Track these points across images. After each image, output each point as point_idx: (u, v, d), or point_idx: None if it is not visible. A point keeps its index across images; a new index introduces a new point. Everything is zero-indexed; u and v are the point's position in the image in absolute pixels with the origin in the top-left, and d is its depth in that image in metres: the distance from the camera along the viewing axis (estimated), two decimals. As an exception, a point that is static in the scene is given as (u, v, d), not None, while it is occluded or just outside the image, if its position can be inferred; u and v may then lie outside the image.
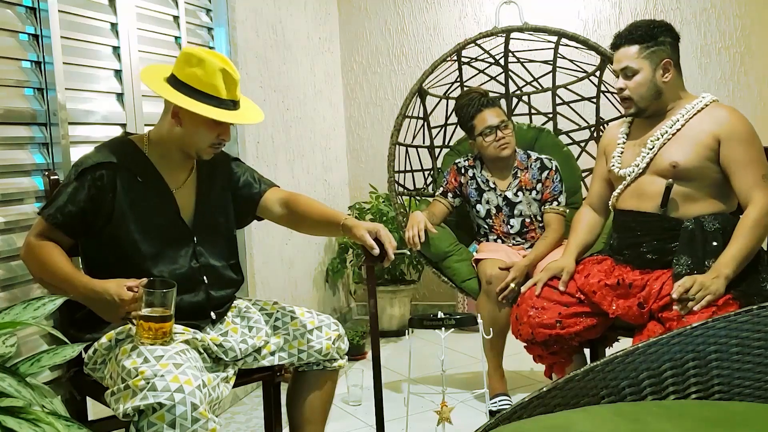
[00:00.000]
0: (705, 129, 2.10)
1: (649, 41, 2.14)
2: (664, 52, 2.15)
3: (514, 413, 0.95)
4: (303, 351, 1.97)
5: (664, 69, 2.15)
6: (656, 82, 2.15)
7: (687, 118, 2.13)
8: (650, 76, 2.15)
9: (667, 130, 2.14)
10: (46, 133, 2.00)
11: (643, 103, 2.17)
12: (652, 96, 2.16)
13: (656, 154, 2.14)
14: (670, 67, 2.15)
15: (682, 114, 2.14)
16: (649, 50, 2.14)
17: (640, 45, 2.15)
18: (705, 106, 2.14)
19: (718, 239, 2.04)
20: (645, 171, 2.16)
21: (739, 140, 2.06)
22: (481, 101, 2.97)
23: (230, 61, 1.83)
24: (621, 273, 2.17)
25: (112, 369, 1.66)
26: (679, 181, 2.09)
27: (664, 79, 2.15)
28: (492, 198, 3.01)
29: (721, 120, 2.09)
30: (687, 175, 2.08)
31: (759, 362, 1.03)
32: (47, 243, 1.74)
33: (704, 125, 2.10)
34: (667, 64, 2.15)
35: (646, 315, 2.09)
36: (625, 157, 2.24)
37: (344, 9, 4.32)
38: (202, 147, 1.85)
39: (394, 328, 3.95)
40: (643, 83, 2.15)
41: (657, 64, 2.14)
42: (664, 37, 2.15)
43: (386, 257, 1.91)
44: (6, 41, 1.89)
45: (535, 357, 2.41)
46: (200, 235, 1.92)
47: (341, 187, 4.29)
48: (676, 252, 2.06)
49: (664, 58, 2.15)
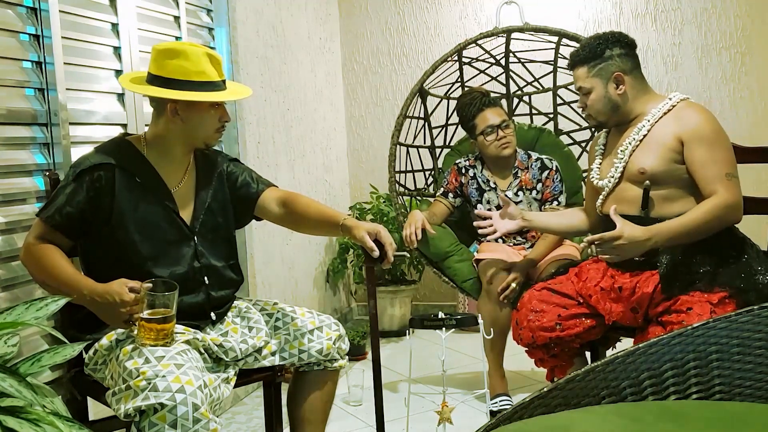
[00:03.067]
0: (669, 131, 2.10)
1: (596, 59, 2.18)
2: (613, 66, 2.17)
3: (515, 413, 0.95)
4: (303, 351, 1.97)
5: (617, 82, 2.17)
6: (610, 96, 2.18)
7: (653, 123, 2.14)
8: (603, 92, 2.19)
9: (634, 137, 2.15)
10: (47, 134, 2.01)
11: (602, 117, 2.23)
12: (609, 110, 2.20)
13: (628, 162, 2.16)
14: (623, 79, 2.17)
15: (648, 119, 2.14)
16: (597, 68, 2.18)
17: (587, 65, 2.20)
18: (672, 108, 2.14)
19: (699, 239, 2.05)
20: (620, 180, 2.18)
21: (702, 141, 2.04)
22: (483, 101, 2.97)
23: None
24: (613, 274, 2.18)
25: (113, 369, 1.67)
26: (654, 185, 2.10)
27: (618, 92, 2.18)
28: (493, 198, 3.01)
29: (685, 121, 2.08)
30: (657, 179, 2.09)
31: (760, 362, 1.03)
32: (47, 245, 1.74)
33: (669, 128, 2.10)
34: (618, 78, 2.17)
35: (641, 319, 2.10)
36: (603, 168, 2.27)
37: (345, 9, 4.32)
38: (209, 134, 1.88)
39: (395, 328, 3.95)
40: (597, 100, 2.20)
41: (608, 79, 2.18)
42: (610, 51, 2.18)
43: (386, 259, 1.91)
44: (7, 41, 1.89)
45: (537, 361, 2.41)
46: (200, 235, 1.92)
47: (342, 187, 4.29)
48: (659, 252, 2.07)
49: (614, 72, 2.17)
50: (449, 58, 3.31)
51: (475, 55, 3.60)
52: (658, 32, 3.88)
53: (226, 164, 2.04)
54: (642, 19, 3.89)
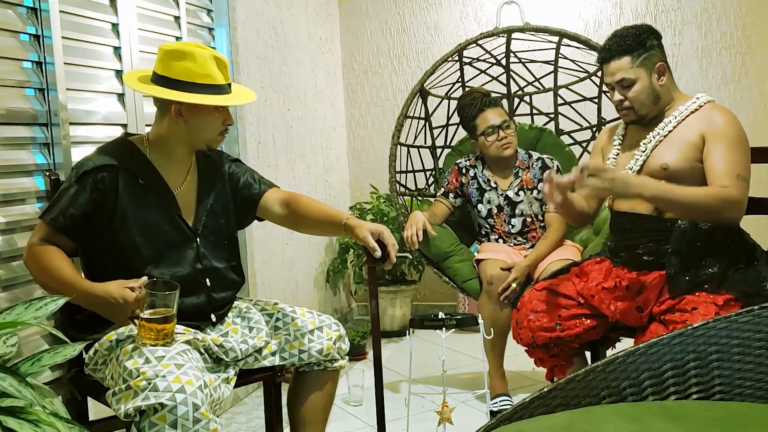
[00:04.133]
0: (694, 129, 2.09)
1: (640, 48, 2.13)
2: (656, 56, 2.14)
3: (515, 413, 0.95)
4: (304, 351, 1.97)
5: (660, 73, 2.14)
6: (654, 87, 2.14)
7: (679, 120, 2.13)
8: (648, 83, 2.14)
9: (659, 132, 2.14)
10: (47, 134, 2.01)
11: (644, 110, 2.16)
12: (652, 102, 2.16)
13: (648, 157, 2.14)
14: (665, 70, 2.15)
15: (675, 116, 2.14)
16: (641, 58, 2.13)
17: (631, 55, 2.13)
18: (699, 108, 2.13)
19: (712, 238, 2.03)
20: (638, 174, 2.16)
21: (723, 140, 2.04)
22: (484, 101, 2.97)
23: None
24: (618, 275, 2.17)
25: (113, 369, 1.66)
26: (672, 182, 2.09)
27: (660, 82, 2.15)
28: (493, 197, 3.01)
29: (711, 120, 2.08)
30: (678, 176, 2.07)
31: (760, 362, 1.03)
32: (50, 247, 1.74)
33: (694, 125, 2.10)
34: (661, 68, 2.14)
35: (646, 318, 2.09)
36: (620, 160, 2.24)
37: (345, 9, 4.32)
38: (211, 137, 1.88)
39: (395, 328, 3.95)
40: (642, 91, 2.14)
41: (652, 70, 2.14)
42: (651, 41, 2.14)
43: (388, 260, 1.91)
44: (7, 41, 1.89)
45: (536, 361, 2.40)
46: (202, 237, 1.91)
47: (342, 188, 4.29)
48: (669, 252, 2.06)
49: (657, 62, 2.14)
50: (450, 58, 3.31)
51: (475, 55, 3.60)
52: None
53: (228, 165, 2.04)
54: (642, 19, 3.89)
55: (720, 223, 2.02)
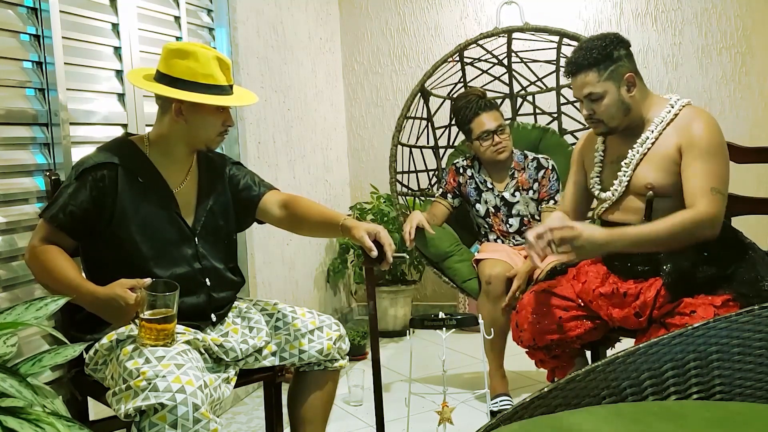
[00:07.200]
0: (671, 142, 2.05)
1: (606, 61, 2.06)
2: (624, 67, 2.07)
3: (515, 413, 0.95)
4: (304, 351, 1.97)
5: (629, 84, 2.08)
6: (624, 99, 2.08)
7: (656, 135, 2.08)
8: (617, 96, 2.07)
9: (638, 149, 2.09)
10: (47, 134, 2.01)
11: (614, 123, 2.11)
12: (622, 114, 2.09)
13: (632, 175, 2.11)
14: (634, 80, 2.08)
15: (652, 130, 2.08)
16: (608, 70, 2.06)
17: (598, 68, 2.06)
18: (675, 116, 2.08)
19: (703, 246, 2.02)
20: (625, 191, 2.13)
21: (698, 152, 1.99)
22: (479, 104, 2.96)
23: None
24: (615, 281, 2.16)
25: (113, 370, 1.66)
26: (659, 196, 2.07)
27: (630, 94, 2.08)
28: (490, 198, 3.01)
29: (687, 131, 2.03)
30: (664, 193, 2.05)
31: (760, 362, 1.03)
32: (51, 248, 1.74)
33: (671, 138, 2.05)
34: (630, 78, 2.07)
35: (645, 323, 2.08)
36: (605, 178, 2.21)
37: (345, 9, 4.32)
38: (211, 137, 1.88)
39: (396, 328, 3.95)
40: (612, 105, 2.08)
41: (621, 82, 2.07)
42: (618, 52, 2.07)
43: (384, 260, 1.91)
44: (7, 41, 1.89)
45: (537, 362, 2.40)
46: (201, 237, 1.92)
47: (342, 188, 4.29)
48: (662, 261, 2.05)
49: (626, 74, 2.07)
50: (450, 58, 3.31)
51: (477, 55, 3.60)
52: (659, 32, 3.87)
53: (228, 167, 2.05)
54: (642, 19, 3.89)
55: (699, 241, 1.99)
